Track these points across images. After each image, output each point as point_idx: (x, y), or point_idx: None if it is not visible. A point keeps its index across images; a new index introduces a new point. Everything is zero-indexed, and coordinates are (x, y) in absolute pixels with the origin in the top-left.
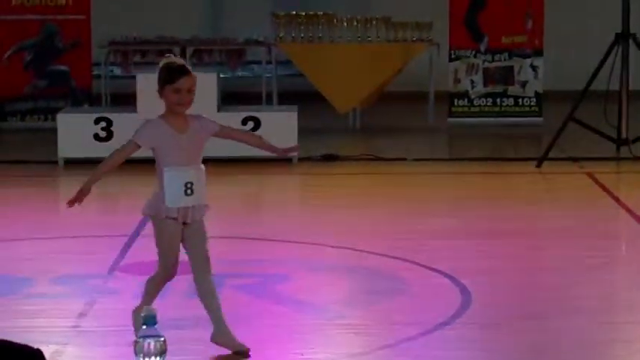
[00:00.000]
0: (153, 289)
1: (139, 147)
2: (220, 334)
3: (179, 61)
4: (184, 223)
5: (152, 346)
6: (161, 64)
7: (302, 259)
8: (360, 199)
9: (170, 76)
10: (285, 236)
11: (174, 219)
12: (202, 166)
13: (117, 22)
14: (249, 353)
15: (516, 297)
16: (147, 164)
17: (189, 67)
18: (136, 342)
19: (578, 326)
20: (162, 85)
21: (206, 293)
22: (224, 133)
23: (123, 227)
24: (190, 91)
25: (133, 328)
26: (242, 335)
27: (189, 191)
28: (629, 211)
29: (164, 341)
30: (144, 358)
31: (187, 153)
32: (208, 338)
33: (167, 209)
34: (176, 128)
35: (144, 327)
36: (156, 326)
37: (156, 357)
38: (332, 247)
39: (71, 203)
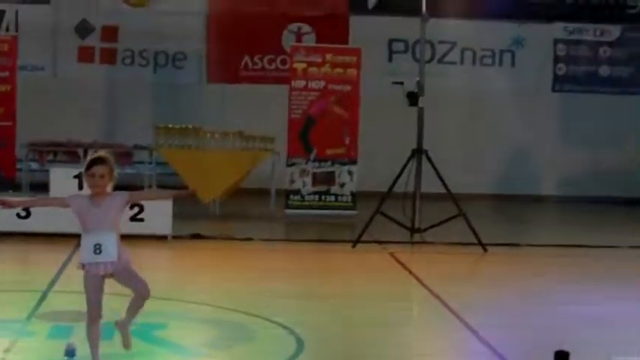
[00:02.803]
0: (88, 331)
1: (66, 205)
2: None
3: (100, 154)
4: (107, 276)
5: None
6: (88, 156)
7: (173, 312)
8: (219, 268)
9: (88, 165)
10: (163, 295)
11: (88, 271)
12: (114, 232)
13: (36, 128)
14: None
15: (337, 345)
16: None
17: (108, 159)
18: None
19: None
20: (85, 172)
21: (133, 306)
22: (134, 198)
23: (38, 284)
24: (102, 176)
25: None
26: None
27: (97, 251)
28: (419, 280)
29: None
30: None
31: (99, 222)
32: None
33: (82, 264)
34: (93, 203)
35: (65, 358)
36: (74, 357)
37: None
38: (197, 303)
39: (1, 202)
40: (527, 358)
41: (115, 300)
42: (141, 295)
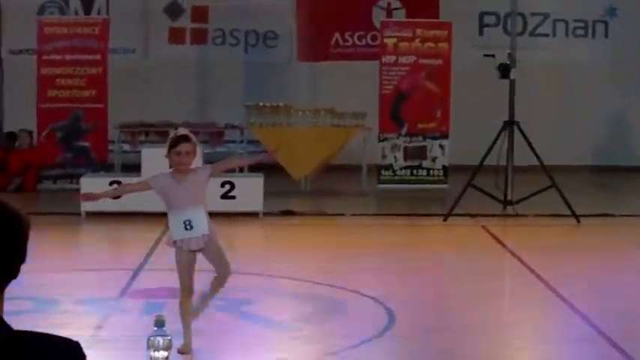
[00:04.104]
0: (181, 308)
1: (150, 187)
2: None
3: (183, 132)
4: (199, 251)
5: (160, 343)
6: (171, 134)
7: (265, 287)
8: (310, 244)
9: (173, 142)
10: (254, 270)
11: (180, 247)
12: (202, 206)
13: (127, 110)
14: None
15: (430, 317)
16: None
17: (192, 137)
18: (148, 339)
19: (479, 340)
20: (169, 150)
21: (213, 287)
22: (217, 170)
23: (130, 263)
24: (188, 153)
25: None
26: (220, 343)
27: (188, 227)
28: (512, 254)
29: (170, 339)
30: (153, 351)
31: (185, 198)
32: None
33: (173, 241)
34: (177, 180)
35: (155, 328)
36: (164, 328)
37: (163, 351)
38: (289, 278)
39: (84, 196)
40: (620, 328)
41: (207, 276)
42: (223, 275)
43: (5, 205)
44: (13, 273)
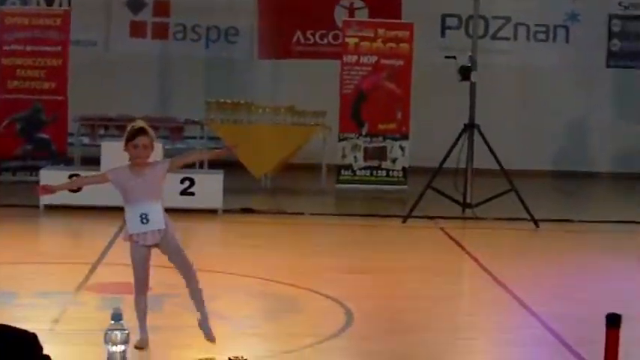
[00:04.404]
0: (136, 304)
1: (107, 180)
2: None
3: (140, 124)
4: (154, 246)
5: (118, 337)
6: (128, 127)
7: (224, 284)
8: (269, 242)
9: (131, 135)
10: (212, 268)
11: (137, 242)
12: (159, 201)
13: (87, 103)
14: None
15: (388, 318)
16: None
17: (149, 130)
18: (105, 333)
19: (435, 341)
20: (126, 142)
21: (193, 293)
22: (176, 164)
23: (87, 257)
24: (146, 147)
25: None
26: (178, 340)
27: (144, 220)
28: (470, 256)
29: (127, 333)
30: (111, 346)
31: (142, 192)
32: None
33: (129, 235)
34: (134, 174)
35: (112, 322)
36: (121, 322)
37: (121, 345)
38: (247, 276)
39: (42, 189)
40: (577, 331)
41: (162, 272)
42: (187, 273)
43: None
44: None
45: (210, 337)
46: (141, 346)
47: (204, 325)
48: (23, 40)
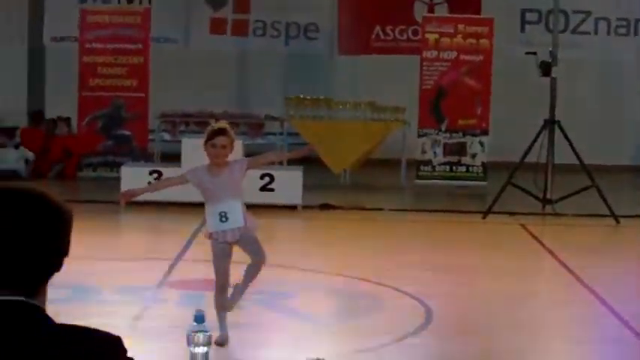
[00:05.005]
0: (216, 300)
1: (186, 181)
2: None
3: (221, 125)
4: (234, 243)
5: (201, 339)
6: (209, 126)
7: (303, 281)
8: (348, 238)
9: (210, 135)
10: (291, 264)
11: (216, 239)
12: (238, 199)
13: (167, 99)
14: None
15: (468, 316)
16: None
17: (229, 131)
18: (188, 335)
19: (516, 340)
20: (205, 142)
21: (249, 270)
22: (253, 164)
23: (168, 253)
24: (224, 147)
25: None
26: (256, 337)
27: (223, 219)
28: (551, 253)
29: (210, 335)
30: (194, 347)
31: (221, 191)
32: None
33: (209, 233)
34: (213, 173)
35: (194, 324)
36: (204, 323)
37: (203, 347)
38: (326, 273)
39: (122, 196)
40: None
41: (243, 269)
42: (257, 262)
43: (49, 198)
44: (56, 266)
45: (230, 306)
46: (221, 343)
47: (234, 295)
48: (104, 38)
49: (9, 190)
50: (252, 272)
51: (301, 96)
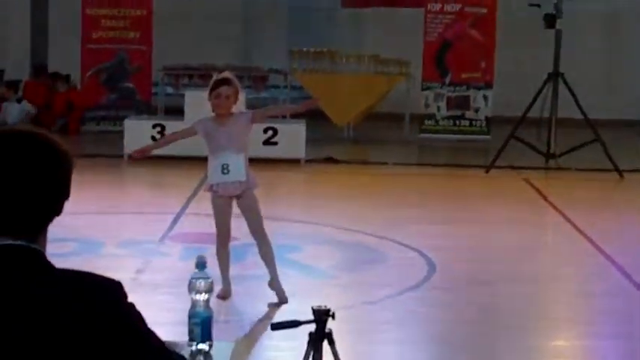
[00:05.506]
0: (218, 253)
1: (195, 132)
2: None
3: (225, 75)
4: (235, 197)
5: (202, 285)
6: (213, 77)
7: (307, 234)
8: (352, 192)
9: (214, 85)
10: (295, 217)
11: (216, 192)
12: (241, 152)
13: (171, 53)
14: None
15: (470, 269)
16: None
17: (234, 80)
18: (190, 281)
19: (517, 292)
20: (209, 92)
21: (264, 254)
22: (259, 116)
23: (171, 207)
24: (228, 97)
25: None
26: (261, 291)
27: (225, 171)
28: (554, 207)
29: (211, 282)
30: (195, 294)
31: (224, 142)
32: None
33: (209, 185)
34: (218, 124)
35: (196, 270)
36: (205, 270)
37: (204, 294)
38: (330, 226)
39: (135, 153)
40: None
41: (245, 222)
42: (264, 248)
43: (49, 139)
44: (57, 210)
45: (282, 299)
46: (224, 296)
47: (276, 287)
48: None
49: (8, 132)
50: (268, 258)
51: (304, 49)
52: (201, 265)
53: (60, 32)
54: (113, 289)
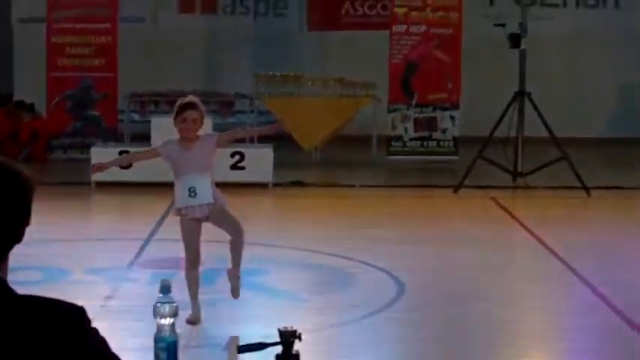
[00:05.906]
0: (187, 278)
1: (158, 154)
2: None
3: (191, 99)
4: (203, 219)
5: (167, 310)
6: (178, 101)
7: (276, 258)
8: (320, 215)
9: (180, 109)
10: (263, 241)
11: (186, 215)
12: (207, 175)
13: (137, 79)
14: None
15: (440, 288)
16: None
17: (198, 104)
18: (154, 306)
19: (487, 311)
20: (175, 117)
21: (234, 245)
22: (224, 139)
23: (139, 233)
24: (195, 121)
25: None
26: (230, 314)
27: (192, 194)
28: (522, 225)
29: (176, 306)
30: (160, 319)
31: (190, 166)
32: None
33: (177, 209)
34: (183, 148)
35: (160, 295)
36: (170, 294)
37: (170, 318)
38: (298, 249)
39: (94, 167)
40: (630, 300)
41: (214, 247)
42: (236, 235)
43: (9, 165)
44: (17, 237)
45: (235, 292)
46: (193, 321)
47: (234, 277)
48: (72, 18)
49: None
50: (236, 247)
51: (270, 73)
52: (165, 289)
53: (25, 60)
54: (76, 315)
